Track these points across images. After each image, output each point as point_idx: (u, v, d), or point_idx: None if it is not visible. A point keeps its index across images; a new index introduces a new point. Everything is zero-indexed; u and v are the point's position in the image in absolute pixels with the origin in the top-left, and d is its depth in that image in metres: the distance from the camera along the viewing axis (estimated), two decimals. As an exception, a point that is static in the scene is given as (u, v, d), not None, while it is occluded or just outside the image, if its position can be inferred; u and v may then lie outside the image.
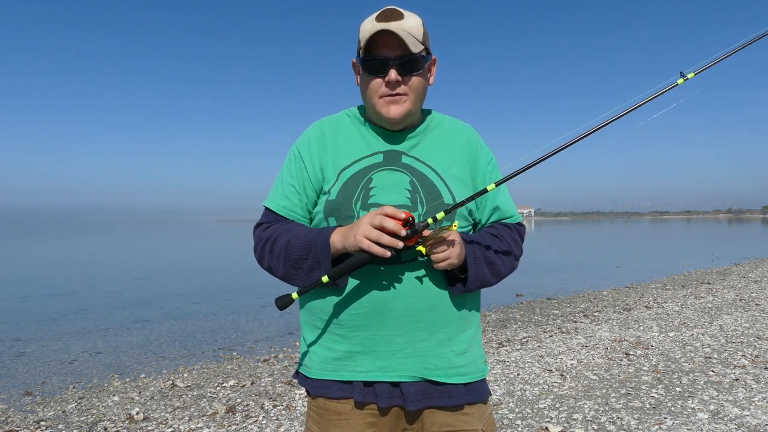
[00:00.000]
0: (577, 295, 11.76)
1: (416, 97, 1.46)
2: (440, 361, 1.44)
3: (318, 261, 1.39)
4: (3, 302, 12.20)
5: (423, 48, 1.43)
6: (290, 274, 1.45)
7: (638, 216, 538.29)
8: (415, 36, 1.41)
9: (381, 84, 1.43)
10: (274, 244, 1.47)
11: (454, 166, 1.51)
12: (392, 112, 1.44)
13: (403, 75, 1.42)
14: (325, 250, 1.38)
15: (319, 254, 1.39)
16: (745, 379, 4.73)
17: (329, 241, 1.38)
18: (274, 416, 4.29)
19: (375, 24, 1.41)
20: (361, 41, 1.43)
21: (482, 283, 1.46)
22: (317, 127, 1.56)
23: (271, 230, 1.50)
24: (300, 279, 1.43)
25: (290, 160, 1.55)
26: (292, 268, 1.43)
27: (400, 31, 1.38)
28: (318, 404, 1.49)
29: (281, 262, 1.45)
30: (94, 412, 4.70)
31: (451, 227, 1.34)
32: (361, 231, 1.31)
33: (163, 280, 17.00)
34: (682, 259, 21.07)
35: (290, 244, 1.44)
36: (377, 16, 1.42)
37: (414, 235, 1.32)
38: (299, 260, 1.42)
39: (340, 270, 1.35)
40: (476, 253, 1.44)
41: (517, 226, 1.59)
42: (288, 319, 9.67)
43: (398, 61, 1.41)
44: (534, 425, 3.84)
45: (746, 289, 10.97)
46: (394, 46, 1.40)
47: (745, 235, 51.68)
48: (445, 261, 1.36)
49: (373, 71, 1.42)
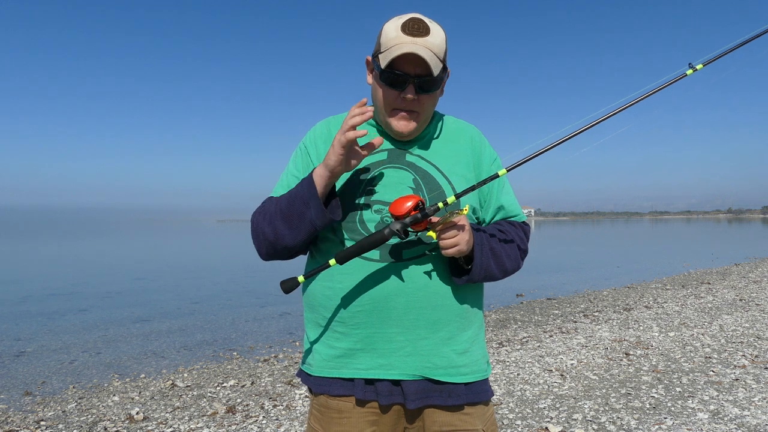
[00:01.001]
0: (577, 295, 11.76)
1: (427, 114, 1.47)
2: (441, 360, 1.43)
3: (305, 200, 1.38)
4: (3, 302, 12.19)
5: (442, 66, 1.42)
6: (281, 230, 1.42)
7: (638, 216, 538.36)
8: (438, 55, 1.40)
9: (396, 97, 1.42)
10: (265, 209, 1.48)
11: (458, 165, 1.51)
12: (403, 128, 1.45)
13: (420, 93, 1.42)
14: (310, 184, 1.38)
15: (305, 192, 1.38)
16: (745, 379, 4.73)
17: (311, 175, 1.39)
18: (274, 416, 4.29)
19: (401, 37, 1.38)
20: (383, 48, 1.41)
21: (487, 274, 1.45)
22: (324, 125, 1.57)
23: (265, 202, 1.52)
24: (292, 232, 1.41)
25: (297, 155, 1.57)
26: (283, 221, 1.41)
27: (425, 53, 1.36)
28: (320, 402, 1.49)
29: (275, 220, 1.43)
30: (94, 412, 4.70)
31: (462, 211, 1.33)
32: (335, 140, 1.34)
33: (163, 280, 17.00)
34: (682, 259, 21.07)
35: (279, 200, 1.45)
36: (404, 27, 1.39)
37: (424, 219, 1.32)
38: (288, 209, 1.41)
39: (349, 252, 1.35)
40: (483, 242, 1.43)
41: (522, 224, 1.59)
42: (288, 319, 9.67)
43: (418, 80, 1.39)
44: (534, 425, 3.84)
45: (746, 289, 10.97)
46: (416, 64, 1.38)
47: (745, 235, 51.67)
48: (454, 247, 1.35)
49: (391, 84, 1.41)
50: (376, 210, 1.44)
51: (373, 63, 1.46)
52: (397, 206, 1.34)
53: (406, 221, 1.33)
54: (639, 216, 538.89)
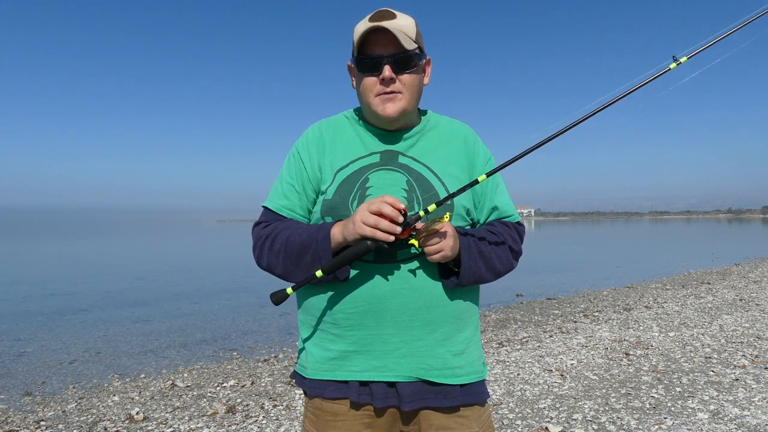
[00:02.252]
0: (577, 295, 11.76)
1: (411, 95, 1.46)
2: (436, 362, 1.43)
3: (318, 255, 1.38)
4: (3, 302, 12.20)
5: (416, 46, 1.43)
6: (290, 270, 1.43)
7: (638, 216, 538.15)
8: (407, 34, 1.42)
9: (375, 82, 1.43)
10: (273, 241, 1.46)
11: (451, 166, 1.51)
12: (388, 110, 1.44)
13: (398, 73, 1.42)
14: (326, 242, 1.38)
15: (319, 248, 1.38)
16: (745, 379, 4.73)
17: (330, 233, 1.38)
18: (274, 416, 4.29)
19: (368, 23, 1.42)
20: (355, 41, 1.44)
21: (476, 277, 1.44)
22: (315, 129, 1.56)
23: (270, 228, 1.49)
24: (300, 276, 1.42)
25: (289, 161, 1.56)
26: (292, 264, 1.42)
27: (393, 29, 1.39)
28: (314, 405, 1.48)
29: (281, 258, 1.44)
30: (94, 412, 4.71)
31: (443, 219, 1.34)
32: (359, 217, 1.31)
33: (163, 280, 17.00)
34: (682, 259, 21.07)
35: (290, 239, 1.43)
36: (370, 17, 1.44)
37: (406, 228, 1.32)
38: (299, 255, 1.41)
39: (335, 263, 1.34)
40: (470, 246, 1.43)
41: (516, 225, 1.58)
42: (288, 319, 9.67)
43: (392, 59, 1.41)
44: (534, 425, 3.84)
45: (746, 289, 10.97)
46: (387, 45, 1.41)
47: (745, 235, 51.66)
48: (438, 253, 1.35)
49: (367, 69, 1.43)
50: None
51: (351, 61, 1.49)
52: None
53: None
54: (639, 216, 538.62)
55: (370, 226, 1.29)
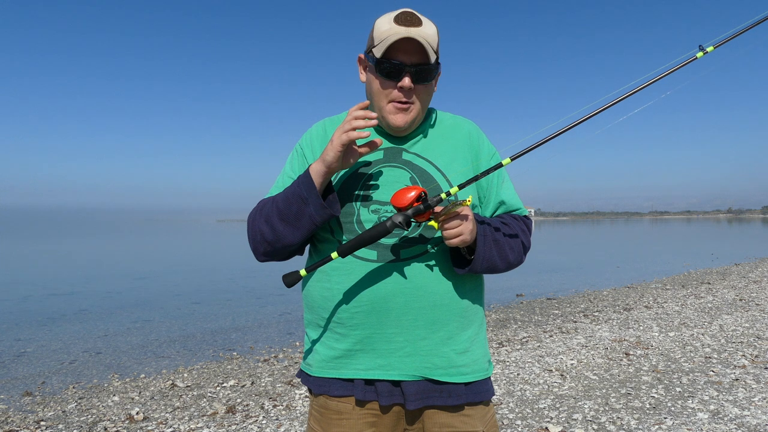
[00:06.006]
0: (577, 295, 11.75)
1: (423, 105, 1.47)
2: (441, 360, 1.43)
3: (303, 197, 1.36)
4: (3, 302, 12.19)
5: (436, 57, 1.42)
6: (279, 228, 1.40)
7: (638, 216, 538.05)
8: (432, 45, 1.40)
9: (392, 89, 1.42)
10: (262, 209, 1.46)
11: (455, 162, 1.50)
12: (399, 120, 1.44)
13: (416, 83, 1.41)
14: (307, 181, 1.36)
15: (302, 188, 1.37)
16: (745, 379, 4.73)
17: (308, 171, 1.38)
18: (274, 416, 4.29)
19: (395, 27, 1.38)
20: (377, 41, 1.40)
21: (489, 264, 1.43)
22: (320, 126, 1.57)
23: (260, 203, 1.50)
24: (291, 230, 1.40)
25: (293, 156, 1.57)
26: (281, 219, 1.40)
27: (422, 40, 1.37)
28: (320, 403, 1.49)
29: (273, 219, 1.41)
30: (94, 412, 4.70)
31: (465, 202, 1.31)
32: (335, 136, 1.34)
33: (163, 280, 17.00)
34: (682, 259, 21.07)
35: (275, 199, 1.44)
36: (396, 19, 1.39)
37: (427, 210, 1.31)
38: (286, 207, 1.39)
39: (351, 245, 1.33)
40: (486, 232, 1.42)
41: (525, 218, 1.58)
42: (288, 319, 9.67)
43: (414, 69, 1.40)
44: (534, 425, 3.84)
45: (746, 289, 10.97)
46: (411, 53, 1.39)
47: (745, 235, 51.65)
48: (458, 237, 1.33)
49: (387, 74, 1.41)
50: (373, 210, 1.43)
51: (367, 58, 1.46)
52: (399, 198, 1.32)
53: (408, 212, 1.31)
54: (639, 216, 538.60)
55: (346, 132, 1.32)
